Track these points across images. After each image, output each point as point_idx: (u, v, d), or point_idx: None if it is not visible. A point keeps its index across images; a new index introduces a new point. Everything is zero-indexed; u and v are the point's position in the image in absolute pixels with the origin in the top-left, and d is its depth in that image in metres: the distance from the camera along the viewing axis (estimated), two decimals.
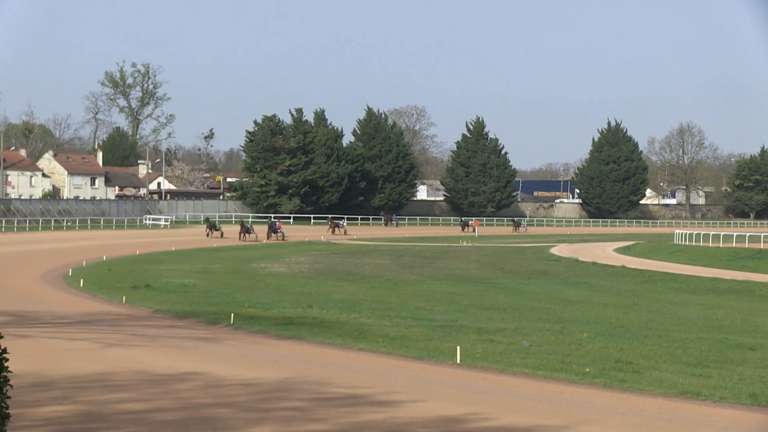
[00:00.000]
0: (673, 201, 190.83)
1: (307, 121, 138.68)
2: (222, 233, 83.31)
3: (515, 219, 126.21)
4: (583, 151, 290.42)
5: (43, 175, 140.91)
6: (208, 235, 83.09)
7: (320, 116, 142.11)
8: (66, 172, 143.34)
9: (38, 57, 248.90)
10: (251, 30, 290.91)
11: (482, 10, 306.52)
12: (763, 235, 75.97)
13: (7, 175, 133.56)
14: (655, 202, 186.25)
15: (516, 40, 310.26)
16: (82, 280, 38.05)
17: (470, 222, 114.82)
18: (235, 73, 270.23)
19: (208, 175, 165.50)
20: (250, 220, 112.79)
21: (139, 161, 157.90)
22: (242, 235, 79.22)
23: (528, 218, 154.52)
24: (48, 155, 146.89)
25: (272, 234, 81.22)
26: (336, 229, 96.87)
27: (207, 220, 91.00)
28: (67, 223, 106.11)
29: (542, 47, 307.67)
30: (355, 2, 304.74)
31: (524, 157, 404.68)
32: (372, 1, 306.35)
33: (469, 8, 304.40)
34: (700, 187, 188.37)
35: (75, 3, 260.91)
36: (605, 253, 69.00)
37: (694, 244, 77.17)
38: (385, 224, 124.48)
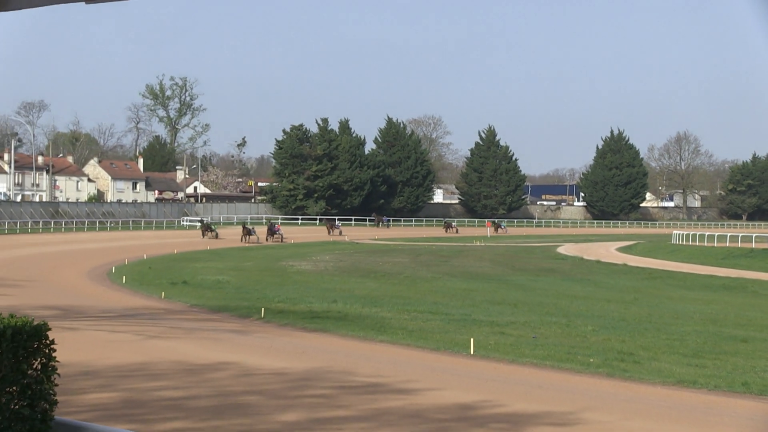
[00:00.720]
0: (671, 204, 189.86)
1: (332, 129, 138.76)
2: (216, 234, 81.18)
3: (495, 221, 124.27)
4: (587, 157, 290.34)
5: (89, 180, 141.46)
6: (203, 236, 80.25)
7: (344, 125, 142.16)
8: (110, 177, 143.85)
9: (84, 71, 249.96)
10: (280, 45, 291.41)
11: (496, 30, 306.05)
12: (754, 235, 75.67)
13: (55, 180, 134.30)
14: (655, 204, 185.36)
15: (526, 56, 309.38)
16: (124, 277, 38.16)
17: (452, 224, 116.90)
18: (266, 86, 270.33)
19: (240, 179, 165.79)
20: (280, 219, 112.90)
21: (176, 167, 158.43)
22: (244, 237, 77.21)
23: (536, 219, 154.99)
24: (93, 161, 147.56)
25: (271, 236, 79.02)
26: (332, 229, 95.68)
27: (202, 221, 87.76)
28: (110, 224, 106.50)
29: (550, 61, 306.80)
30: (378, 21, 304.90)
31: (533, 163, 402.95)
32: (395, 21, 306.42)
33: (483, 29, 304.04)
34: (696, 191, 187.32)
35: (117, 21, 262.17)
36: (608, 252, 68.74)
37: (690, 243, 76.84)
38: (377, 225, 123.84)
